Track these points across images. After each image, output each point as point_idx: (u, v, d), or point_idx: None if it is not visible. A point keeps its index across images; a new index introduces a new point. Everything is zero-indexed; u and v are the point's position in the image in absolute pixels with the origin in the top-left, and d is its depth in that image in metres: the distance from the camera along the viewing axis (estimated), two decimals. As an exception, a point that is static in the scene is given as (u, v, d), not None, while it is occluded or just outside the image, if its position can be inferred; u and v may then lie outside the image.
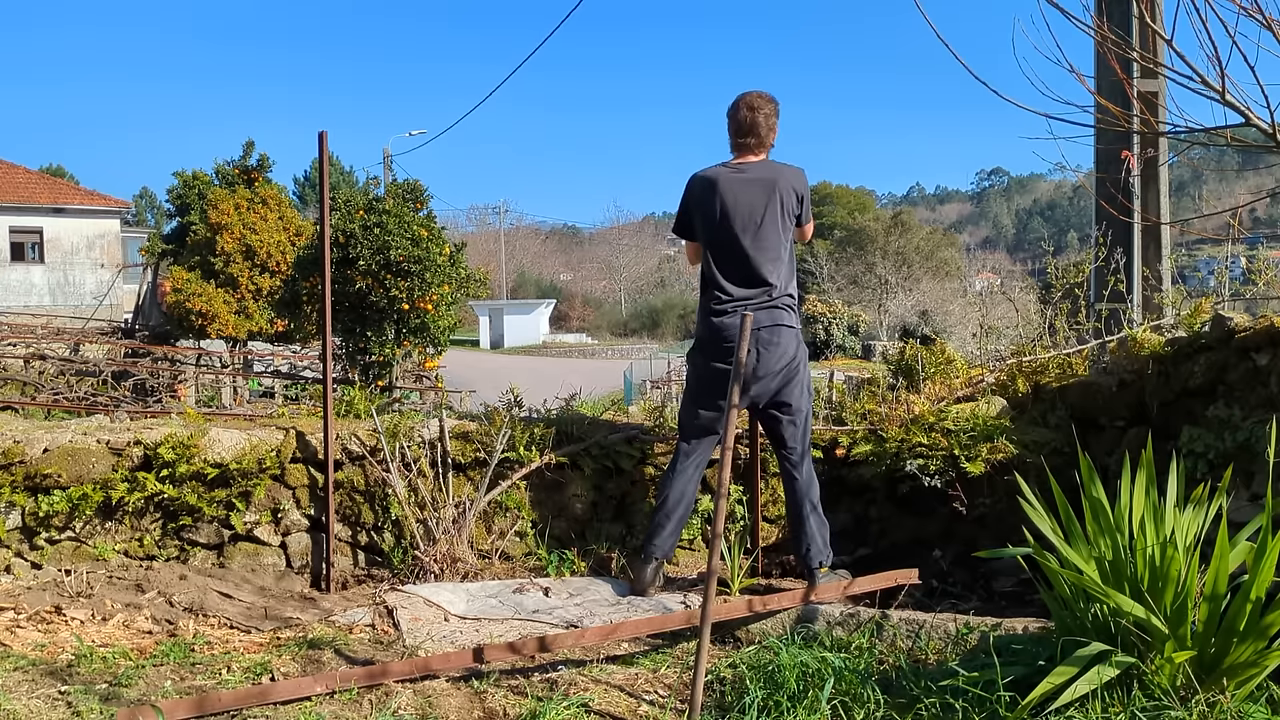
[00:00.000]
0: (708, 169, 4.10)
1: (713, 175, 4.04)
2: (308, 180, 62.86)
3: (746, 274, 3.98)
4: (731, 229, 3.97)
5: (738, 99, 4.08)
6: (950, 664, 2.92)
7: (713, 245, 4.02)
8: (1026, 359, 5.14)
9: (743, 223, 3.97)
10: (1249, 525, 2.78)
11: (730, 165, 4.07)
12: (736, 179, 4.01)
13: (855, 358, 39.26)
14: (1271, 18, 2.73)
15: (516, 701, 2.93)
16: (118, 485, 4.16)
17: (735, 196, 3.98)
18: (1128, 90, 3.84)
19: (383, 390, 13.42)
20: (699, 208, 4.05)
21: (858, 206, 67.85)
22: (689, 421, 4.10)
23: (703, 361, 4.04)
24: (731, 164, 4.07)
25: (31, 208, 32.40)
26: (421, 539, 4.33)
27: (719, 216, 3.98)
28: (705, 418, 4.04)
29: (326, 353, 4.39)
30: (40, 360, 16.08)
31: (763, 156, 4.09)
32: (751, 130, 4.04)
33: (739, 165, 4.06)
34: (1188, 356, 4.23)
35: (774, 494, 4.71)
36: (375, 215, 14.02)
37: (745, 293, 3.97)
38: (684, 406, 4.18)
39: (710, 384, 4.00)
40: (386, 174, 32.35)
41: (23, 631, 3.52)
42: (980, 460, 4.38)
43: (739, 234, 3.96)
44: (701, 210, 4.04)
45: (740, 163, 4.07)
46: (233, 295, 23.89)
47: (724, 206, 3.98)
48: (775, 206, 3.99)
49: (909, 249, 51.71)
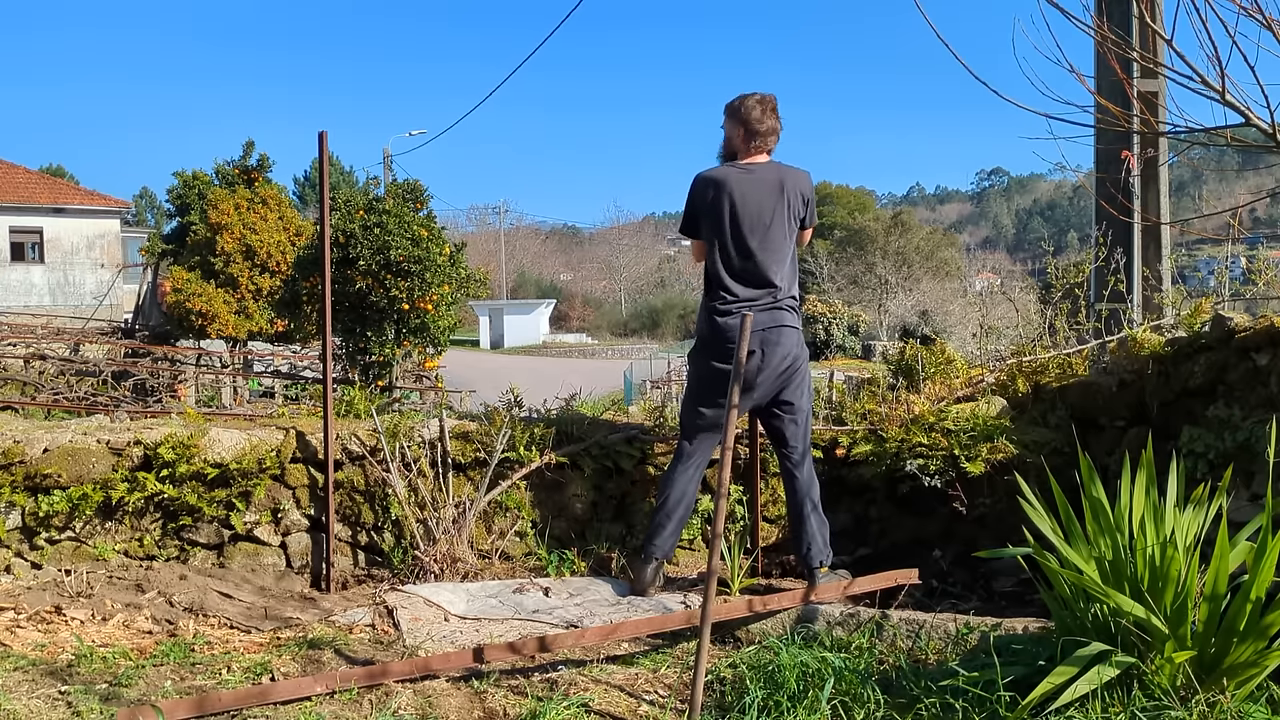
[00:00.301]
0: (715, 169, 4.09)
1: (721, 175, 4.04)
2: (308, 180, 62.86)
3: (753, 274, 3.97)
4: (740, 229, 3.97)
5: (745, 98, 4.07)
6: (950, 664, 2.92)
7: (720, 245, 4.01)
8: (1026, 359, 5.14)
9: (751, 223, 3.96)
10: (1249, 525, 2.78)
11: (739, 165, 4.06)
12: (746, 179, 4.01)
13: (855, 358, 39.25)
14: (1271, 18, 2.73)
15: (516, 701, 2.93)
16: (118, 485, 4.16)
17: (744, 197, 3.98)
18: (1128, 90, 3.83)
19: (383, 390, 13.41)
20: (707, 207, 4.04)
21: (858, 206, 67.83)
22: (690, 421, 4.10)
23: (705, 361, 4.04)
24: (739, 164, 4.06)
25: (31, 208, 32.40)
26: (421, 539, 4.33)
27: (727, 216, 3.98)
28: (707, 418, 4.04)
29: (326, 353, 4.39)
30: (40, 360, 16.08)
31: (767, 157, 4.09)
32: (760, 130, 4.04)
33: (748, 166, 4.05)
34: (1188, 356, 4.23)
35: (774, 494, 4.71)
36: (375, 215, 14.02)
37: (751, 293, 3.97)
38: (685, 406, 4.18)
39: (712, 384, 4.00)
40: (386, 174, 32.36)
41: (23, 631, 3.52)
42: (980, 460, 4.38)
43: (747, 234, 3.96)
44: (709, 210, 4.02)
45: (749, 163, 4.06)
46: (233, 295, 23.90)
47: (733, 207, 3.97)
48: (783, 208, 4.00)
49: (909, 249, 51.71)
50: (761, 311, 3.93)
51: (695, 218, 4.12)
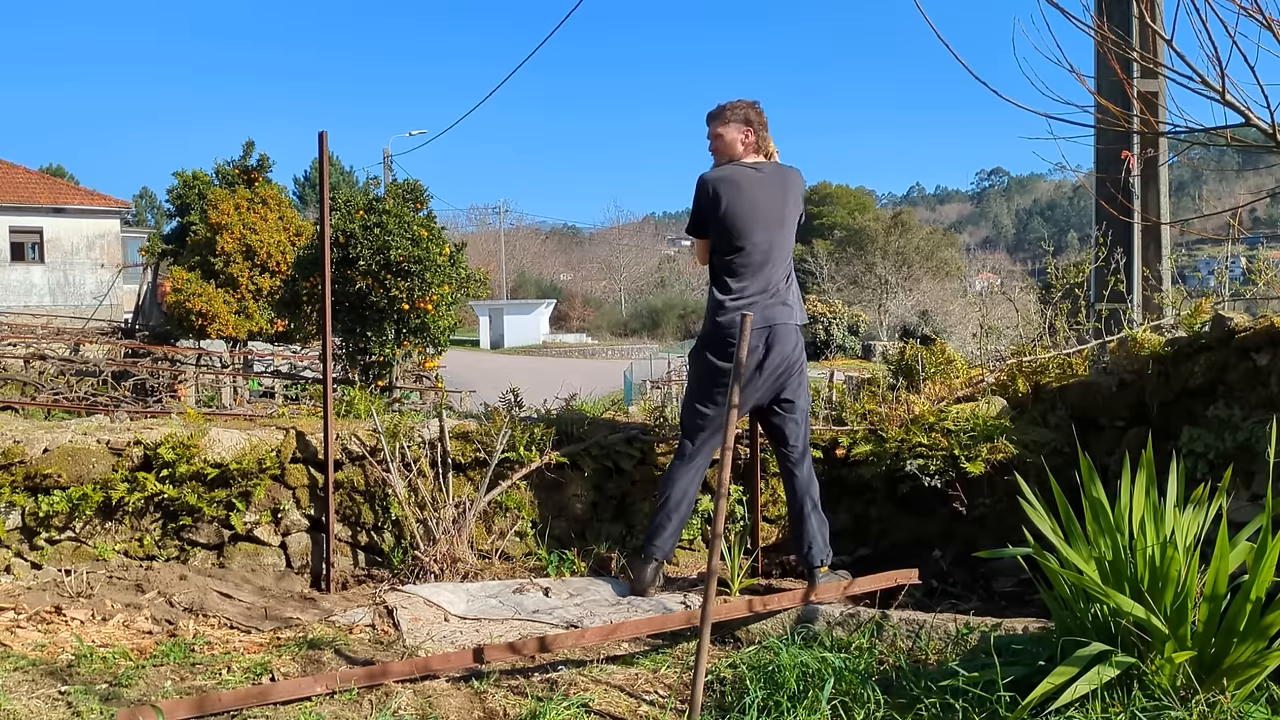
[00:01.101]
0: (724, 168, 4.09)
1: (732, 175, 4.04)
2: (308, 180, 62.85)
3: (759, 272, 3.98)
4: (753, 228, 3.98)
5: (743, 102, 4.13)
6: (950, 664, 2.92)
7: (730, 244, 4.01)
8: (1026, 359, 5.14)
9: (764, 222, 3.98)
10: (1249, 525, 2.78)
11: (746, 165, 4.08)
12: (757, 179, 4.03)
13: (855, 358, 39.26)
14: (1271, 18, 2.73)
15: (516, 701, 2.93)
16: (118, 485, 4.16)
17: (755, 197, 4.00)
18: (1128, 90, 3.83)
19: (383, 390, 13.41)
20: (717, 207, 4.03)
21: (857, 206, 67.80)
22: (692, 420, 4.10)
23: (709, 359, 4.04)
24: (746, 164, 4.08)
25: (31, 208, 32.39)
26: (421, 539, 4.33)
27: (738, 216, 3.98)
28: (709, 416, 4.04)
29: (326, 353, 4.39)
30: (40, 360, 16.07)
31: (766, 158, 4.13)
32: (765, 132, 4.12)
33: (756, 165, 4.08)
34: (1188, 356, 4.23)
35: (774, 494, 4.71)
36: (375, 215, 14.02)
37: (757, 291, 3.98)
38: (686, 405, 4.18)
39: (716, 382, 4.00)
40: (386, 174, 32.36)
41: (23, 631, 3.52)
42: (980, 460, 4.38)
43: (759, 233, 3.97)
44: (721, 210, 4.02)
45: (756, 163, 4.09)
46: (233, 295, 23.89)
47: (747, 206, 3.98)
48: (790, 207, 4.05)
49: (909, 249, 51.71)
50: (768, 309, 3.94)
51: (703, 218, 4.12)
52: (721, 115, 4.13)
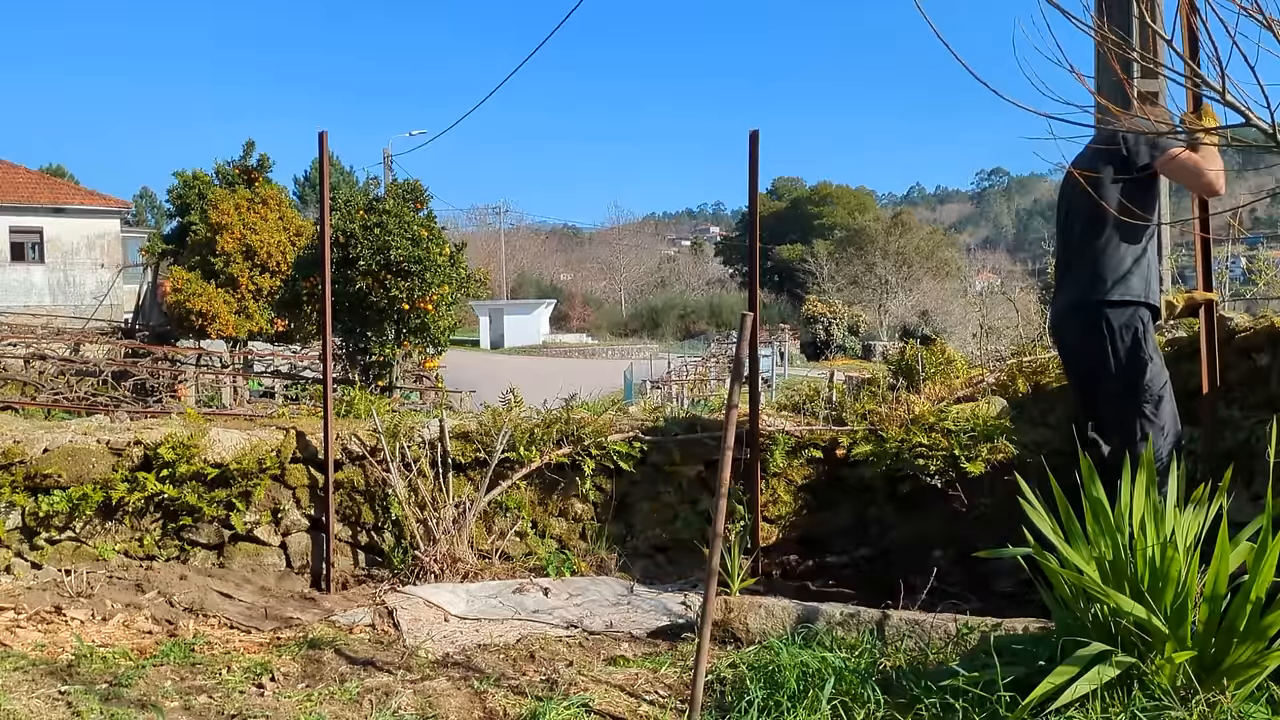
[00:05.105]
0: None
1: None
2: (308, 180, 62.75)
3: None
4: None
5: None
6: (950, 664, 2.92)
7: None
8: (1026, 359, 5.14)
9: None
10: (1249, 525, 2.78)
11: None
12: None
13: (855, 358, 39.27)
14: (1271, 18, 2.73)
15: (517, 701, 2.93)
16: (118, 485, 4.16)
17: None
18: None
19: (383, 390, 13.41)
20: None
21: (858, 206, 67.76)
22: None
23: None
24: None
25: (31, 208, 32.37)
26: (422, 539, 4.33)
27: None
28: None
29: (326, 353, 4.39)
30: (40, 360, 16.06)
31: None
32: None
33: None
34: (1188, 356, 4.23)
35: (774, 494, 4.71)
36: (375, 215, 14.03)
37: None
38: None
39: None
40: (386, 174, 32.32)
41: (23, 631, 3.52)
42: (980, 460, 4.38)
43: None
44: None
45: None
46: (233, 295, 23.87)
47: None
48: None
49: (909, 249, 51.71)
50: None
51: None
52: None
